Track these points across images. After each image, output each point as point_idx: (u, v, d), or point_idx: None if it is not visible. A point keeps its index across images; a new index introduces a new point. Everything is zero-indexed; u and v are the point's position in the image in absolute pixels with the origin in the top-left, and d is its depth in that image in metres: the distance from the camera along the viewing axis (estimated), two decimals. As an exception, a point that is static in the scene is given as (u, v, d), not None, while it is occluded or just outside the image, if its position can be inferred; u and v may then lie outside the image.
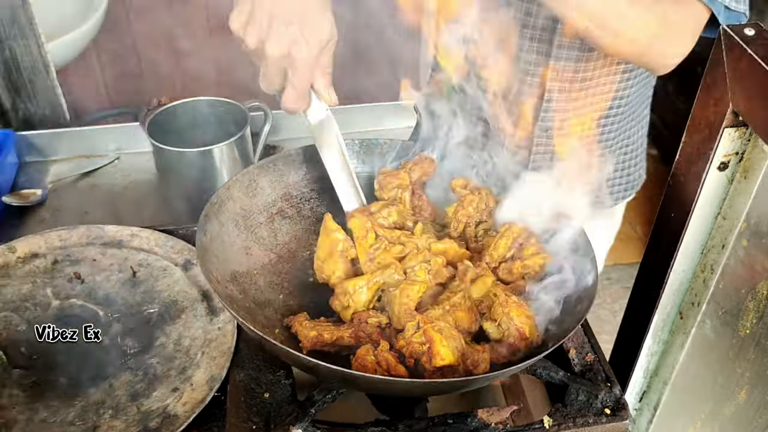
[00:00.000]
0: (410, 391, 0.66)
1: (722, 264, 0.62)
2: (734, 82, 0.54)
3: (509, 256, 0.71)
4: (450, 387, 0.64)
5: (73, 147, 1.34)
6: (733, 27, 0.55)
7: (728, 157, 0.58)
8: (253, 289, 0.74)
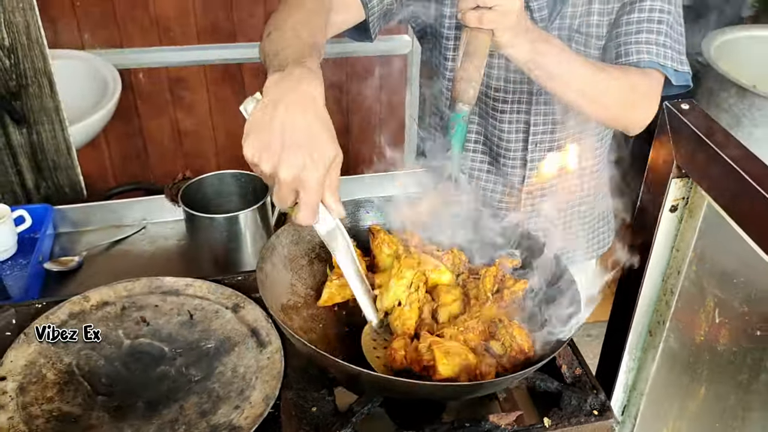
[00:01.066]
0: (438, 394, 0.81)
1: (679, 287, 0.78)
2: (676, 143, 0.72)
3: (496, 289, 0.88)
4: (471, 389, 0.79)
5: (104, 218, 1.48)
6: (672, 103, 0.73)
7: (677, 201, 0.75)
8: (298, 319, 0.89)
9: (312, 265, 1.02)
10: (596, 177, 1.41)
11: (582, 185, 1.39)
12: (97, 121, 2.05)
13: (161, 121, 2.54)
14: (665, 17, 1.17)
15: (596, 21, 1.23)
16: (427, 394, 0.81)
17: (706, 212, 0.72)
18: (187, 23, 2.36)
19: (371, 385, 0.81)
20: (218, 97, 2.54)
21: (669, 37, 1.17)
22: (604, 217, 1.49)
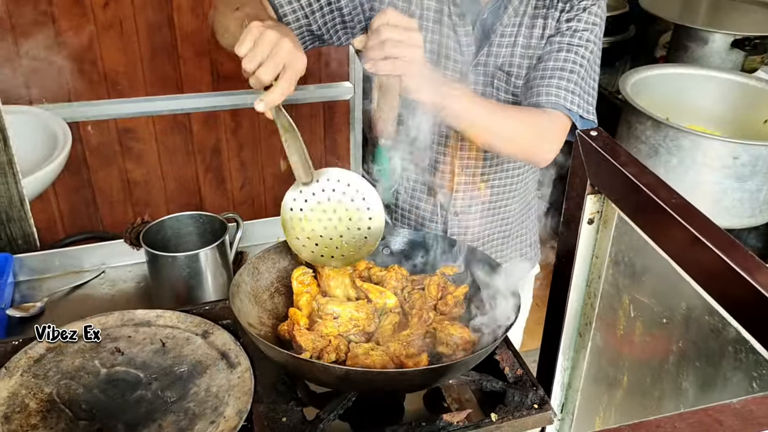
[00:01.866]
0: (402, 381, 0.91)
1: (600, 290, 0.90)
2: (588, 165, 0.85)
3: (440, 296, 0.99)
4: (442, 371, 0.89)
5: (63, 265, 1.53)
6: (584, 131, 0.86)
7: (593, 214, 0.87)
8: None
9: (273, 298, 1.10)
10: (522, 196, 1.54)
11: (509, 204, 1.52)
12: (49, 173, 2.09)
13: (110, 172, 2.59)
14: (577, 68, 1.32)
15: (518, 62, 1.37)
16: (406, 381, 0.91)
17: (617, 222, 0.84)
18: (135, 76, 2.44)
19: (349, 380, 0.90)
20: (167, 146, 2.61)
21: (579, 87, 1.32)
22: (532, 234, 1.63)
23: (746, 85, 2.50)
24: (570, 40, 1.34)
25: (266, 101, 0.97)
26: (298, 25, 1.33)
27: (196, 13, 2.40)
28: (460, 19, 1.35)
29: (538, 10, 1.36)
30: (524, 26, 1.36)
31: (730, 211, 2.18)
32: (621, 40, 3.26)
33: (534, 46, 1.37)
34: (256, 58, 0.96)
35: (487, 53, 1.37)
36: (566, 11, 1.35)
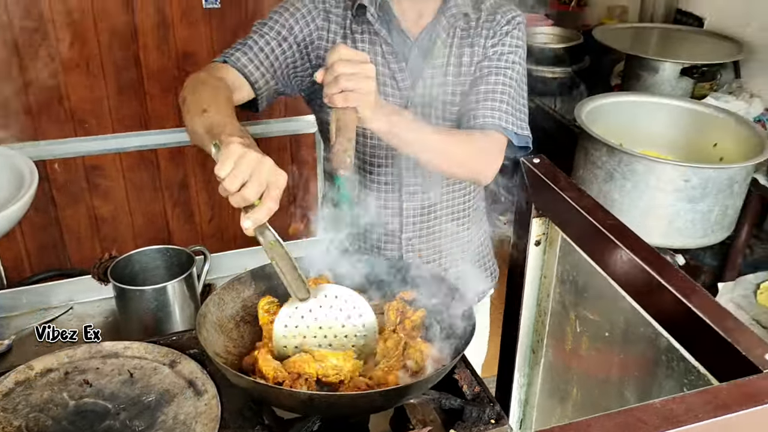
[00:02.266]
0: (370, 401, 0.94)
1: (550, 308, 0.95)
2: (533, 190, 0.90)
3: (399, 320, 1.03)
4: (403, 392, 0.93)
5: (31, 302, 1.55)
6: (527, 158, 0.92)
7: (539, 236, 0.92)
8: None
9: (239, 327, 1.13)
10: (471, 217, 1.60)
11: (459, 226, 1.58)
12: (15, 212, 2.08)
13: (78, 209, 2.59)
14: (507, 89, 1.41)
15: (451, 90, 1.45)
16: (367, 403, 0.94)
17: (561, 243, 0.90)
18: (102, 114, 2.47)
19: (314, 405, 0.93)
20: (134, 182, 2.63)
21: (510, 106, 1.41)
22: (485, 257, 1.69)
23: (695, 111, 2.61)
24: (497, 64, 1.43)
25: (253, 220, 0.97)
26: (266, 87, 1.40)
27: (162, 50, 2.45)
28: (393, 56, 1.43)
29: (464, 40, 1.45)
30: (453, 56, 1.44)
31: (684, 231, 2.26)
32: (577, 69, 3.38)
33: (464, 73, 1.45)
34: (237, 179, 0.95)
35: (423, 85, 1.44)
36: (490, 37, 1.44)
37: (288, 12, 1.42)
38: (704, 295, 0.65)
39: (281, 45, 1.40)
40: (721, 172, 2.19)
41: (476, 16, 1.45)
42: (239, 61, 1.37)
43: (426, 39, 1.44)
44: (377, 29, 1.42)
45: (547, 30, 3.57)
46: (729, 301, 2.49)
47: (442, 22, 1.43)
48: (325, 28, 1.44)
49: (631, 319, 0.77)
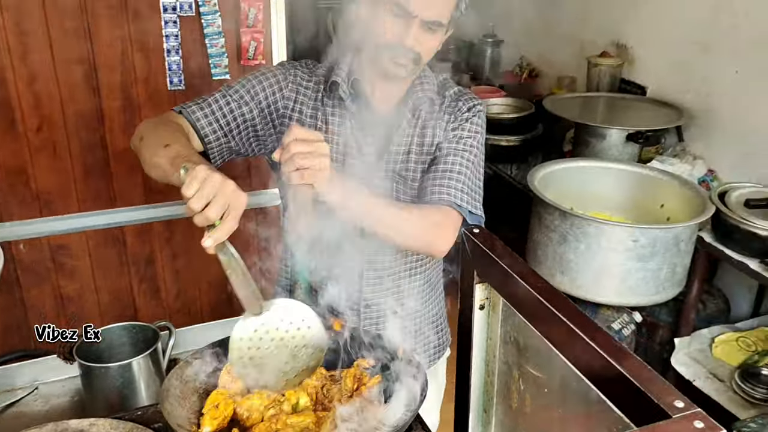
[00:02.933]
0: None
1: (497, 368, 1.01)
2: (474, 258, 0.98)
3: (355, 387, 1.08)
4: None
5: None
6: (468, 229, 1.00)
7: (483, 301, 0.99)
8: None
9: (201, 400, 1.17)
10: (427, 286, 1.67)
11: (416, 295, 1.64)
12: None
13: (43, 289, 2.60)
14: (464, 170, 1.51)
15: (413, 167, 1.55)
16: None
17: (502, 306, 0.97)
18: (68, 194, 2.51)
19: None
20: (101, 261, 2.65)
21: (467, 186, 1.50)
22: (442, 320, 1.75)
23: (642, 174, 2.75)
24: (456, 146, 1.53)
25: (214, 238, 1.04)
26: (218, 143, 1.47)
27: (128, 132, 2.52)
28: (362, 132, 1.53)
29: (428, 122, 1.55)
30: (417, 135, 1.54)
31: (636, 290, 2.36)
32: (531, 137, 3.54)
33: (426, 152, 1.55)
34: (202, 199, 1.03)
35: (386, 160, 1.54)
36: (452, 122, 1.55)
37: (256, 79, 1.52)
38: (624, 351, 0.72)
39: (241, 107, 1.49)
40: (667, 231, 2.31)
41: (440, 101, 1.56)
42: (194, 114, 1.45)
43: (393, 118, 1.54)
44: (348, 105, 1.51)
45: (500, 101, 3.75)
46: (686, 356, 2.57)
47: (409, 103, 1.53)
48: (292, 99, 1.53)
49: (566, 376, 0.83)
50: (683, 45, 3.19)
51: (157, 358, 1.48)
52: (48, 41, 2.31)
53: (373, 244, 1.56)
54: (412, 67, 1.45)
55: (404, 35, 1.39)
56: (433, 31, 1.41)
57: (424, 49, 1.43)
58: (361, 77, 1.52)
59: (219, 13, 2.49)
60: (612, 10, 3.64)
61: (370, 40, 1.45)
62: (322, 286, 1.62)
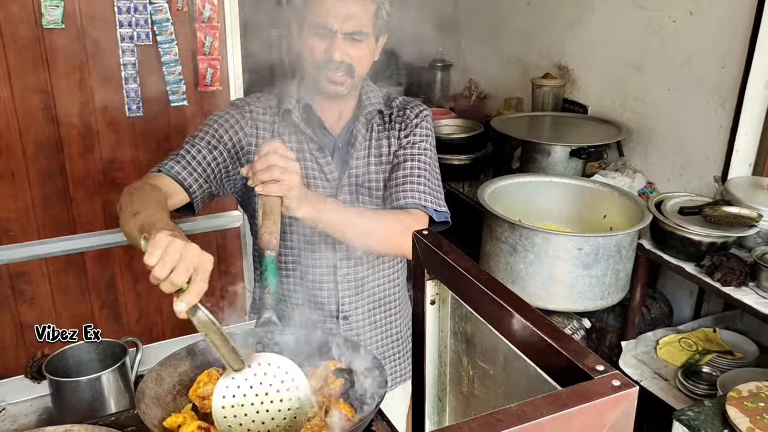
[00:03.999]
0: None
1: (448, 358, 1.10)
2: (424, 257, 1.07)
3: (319, 386, 1.17)
4: None
5: (-40, 406, 1.57)
6: (417, 231, 1.09)
7: (433, 296, 1.09)
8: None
9: (176, 400, 1.23)
10: (399, 300, 1.76)
11: (392, 302, 1.73)
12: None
13: (2, 317, 2.60)
14: (423, 172, 1.61)
15: (374, 177, 1.64)
16: None
17: (451, 300, 1.06)
18: (27, 221, 2.53)
19: None
20: (61, 286, 2.67)
21: (428, 186, 1.61)
22: (406, 342, 1.84)
23: (584, 187, 2.91)
24: (411, 151, 1.64)
25: (186, 302, 1.04)
26: (201, 191, 1.55)
27: (87, 158, 2.57)
28: (320, 152, 1.62)
29: (381, 134, 1.66)
30: (373, 147, 1.64)
31: (583, 295, 2.49)
32: (481, 156, 3.68)
33: (384, 161, 1.65)
34: (166, 266, 1.04)
35: (348, 175, 1.63)
36: (403, 129, 1.65)
37: (217, 123, 1.59)
38: (553, 326, 0.82)
39: (212, 152, 1.56)
40: (608, 239, 2.45)
41: (389, 112, 1.67)
42: (173, 169, 1.51)
43: (347, 134, 1.64)
44: (303, 129, 1.60)
45: (451, 122, 3.89)
46: (633, 358, 2.70)
47: (360, 119, 1.63)
48: (253, 135, 1.61)
49: (508, 357, 0.93)
50: (619, 66, 3.38)
51: (125, 372, 1.52)
52: (6, 70, 2.35)
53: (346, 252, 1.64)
54: (349, 81, 1.55)
55: (331, 50, 1.49)
56: (358, 41, 1.52)
57: (355, 59, 1.53)
58: (310, 101, 1.61)
59: (175, 42, 2.57)
60: (553, 34, 3.84)
61: (307, 63, 1.55)
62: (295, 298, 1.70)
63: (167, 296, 2.95)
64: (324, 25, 1.47)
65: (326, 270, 1.65)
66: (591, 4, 3.51)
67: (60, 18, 2.38)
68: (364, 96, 1.65)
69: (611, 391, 0.71)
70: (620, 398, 0.71)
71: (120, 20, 2.47)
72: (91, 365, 1.57)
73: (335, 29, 1.48)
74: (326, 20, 1.47)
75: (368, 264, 1.67)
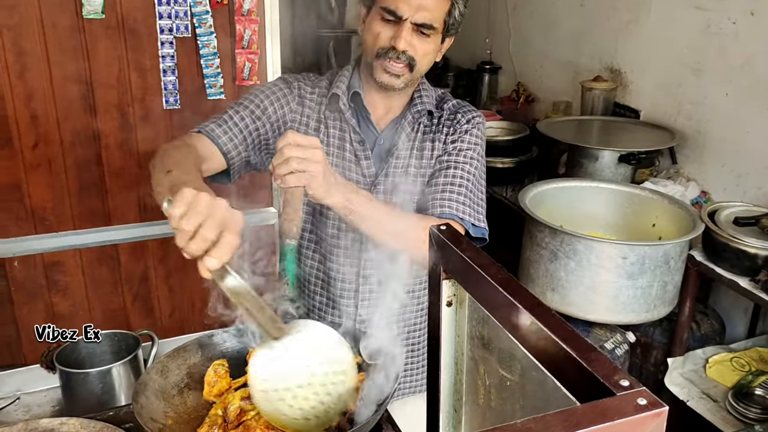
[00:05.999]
0: None
1: (465, 365, 1.01)
2: (441, 254, 0.99)
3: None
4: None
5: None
6: (438, 228, 1.01)
7: (450, 297, 1.00)
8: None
9: (182, 394, 1.18)
10: (423, 306, 1.67)
11: (413, 311, 1.64)
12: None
13: (35, 307, 2.61)
14: (465, 183, 1.51)
15: (412, 180, 1.55)
16: None
17: (469, 302, 0.97)
18: (63, 211, 2.54)
19: None
20: (94, 278, 2.67)
21: (468, 198, 1.51)
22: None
23: (633, 194, 2.76)
24: (456, 159, 1.54)
25: (217, 257, 0.95)
26: (239, 158, 1.50)
27: (124, 150, 2.56)
28: (361, 144, 1.54)
29: (426, 135, 1.56)
30: (416, 149, 1.56)
31: (627, 307, 2.35)
32: (526, 159, 3.56)
33: (425, 165, 1.55)
34: (194, 219, 0.95)
35: (386, 173, 1.55)
36: (450, 134, 1.55)
37: (263, 94, 1.54)
38: (575, 335, 0.72)
39: (255, 122, 1.51)
40: (656, 248, 2.31)
41: (439, 114, 1.58)
42: (213, 132, 1.47)
43: (392, 131, 1.56)
44: (347, 118, 1.53)
45: (496, 124, 3.78)
46: (679, 376, 2.55)
47: (408, 117, 1.55)
48: (299, 112, 1.56)
49: (525, 365, 0.83)
50: (675, 68, 3.22)
51: (137, 365, 1.48)
52: (46, 60, 2.36)
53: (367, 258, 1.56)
54: (407, 75, 1.46)
55: (396, 38, 1.41)
56: (425, 35, 1.43)
57: (418, 53, 1.44)
58: (360, 91, 1.54)
59: (214, 35, 2.55)
60: (606, 36, 3.69)
61: (367, 49, 1.48)
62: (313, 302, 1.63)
63: (200, 293, 2.93)
64: (394, 10, 1.39)
65: (350, 269, 1.58)
66: (647, 5, 3.36)
67: (101, 8, 2.37)
68: (417, 94, 1.57)
69: (635, 411, 0.61)
70: (646, 419, 0.62)
71: (159, 12, 2.45)
72: (104, 357, 1.53)
73: (405, 17, 1.40)
74: (398, 5, 1.39)
75: (394, 264, 1.59)
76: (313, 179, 1.25)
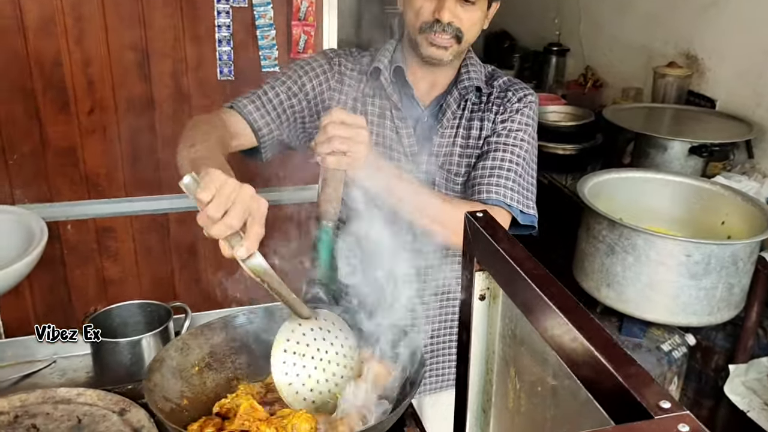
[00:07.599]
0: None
1: (496, 365, 0.93)
2: (475, 244, 0.91)
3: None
4: None
5: (16, 354, 1.57)
6: (470, 212, 0.92)
7: (483, 291, 0.92)
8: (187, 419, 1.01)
9: (202, 374, 1.14)
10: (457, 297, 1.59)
11: (446, 303, 1.56)
12: (21, 268, 2.15)
13: (87, 270, 2.65)
14: (514, 167, 1.41)
15: (457, 160, 1.47)
16: None
17: (502, 298, 0.89)
18: (116, 178, 2.56)
19: None
20: (144, 246, 2.69)
21: (517, 183, 1.41)
22: None
23: (702, 189, 2.59)
24: (506, 140, 1.44)
25: (246, 247, 0.95)
26: (271, 136, 1.45)
27: (176, 119, 2.56)
28: (402, 121, 1.46)
29: (474, 113, 1.47)
30: (462, 128, 1.46)
31: (688, 308, 2.21)
32: (589, 147, 3.40)
33: (472, 146, 1.46)
34: (221, 205, 0.94)
35: (428, 152, 1.46)
36: (500, 113, 1.46)
37: (302, 69, 1.48)
38: (614, 346, 0.64)
39: (291, 99, 1.45)
40: (724, 248, 2.16)
41: (488, 91, 1.48)
42: (245, 108, 1.42)
43: (436, 108, 1.48)
44: (389, 93, 1.46)
45: (559, 108, 3.63)
46: (741, 385, 2.39)
47: (454, 93, 1.46)
48: (338, 90, 1.49)
49: (557, 371, 0.75)
50: (757, 56, 3.00)
51: (167, 337, 1.46)
52: (104, 26, 2.37)
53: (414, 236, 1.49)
54: (455, 47, 1.38)
55: (440, 9, 1.33)
56: (471, 3, 1.35)
57: (464, 23, 1.36)
58: (403, 65, 1.46)
59: (271, 5, 2.50)
60: (682, 19, 3.47)
61: (410, 24, 1.40)
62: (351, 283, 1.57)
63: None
64: None
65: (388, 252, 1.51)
66: (730, -13, 3.14)
67: (158, -25, 2.36)
68: (464, 69, 1.47)
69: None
70: (686, 451, 0.53)
71: (217, -20, 2.42)
72: (136, 327, 1.52)
73: None
74: None
75: (435, 254, 1.51)
76: (353, 161, 1.19)
